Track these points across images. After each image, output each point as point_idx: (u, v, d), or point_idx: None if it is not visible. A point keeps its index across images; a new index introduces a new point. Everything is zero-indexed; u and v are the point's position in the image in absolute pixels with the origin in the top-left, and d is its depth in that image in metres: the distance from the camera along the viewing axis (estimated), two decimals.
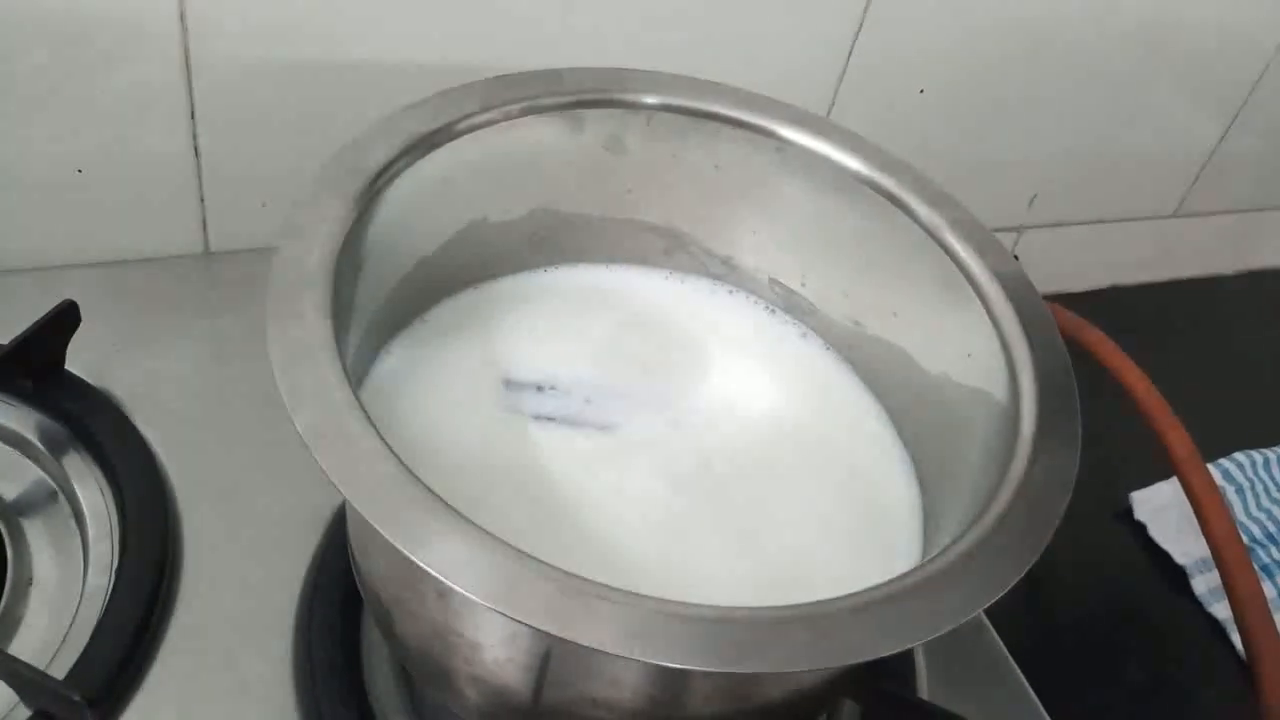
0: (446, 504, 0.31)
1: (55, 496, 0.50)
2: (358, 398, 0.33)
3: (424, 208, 0.44)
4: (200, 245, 0.62)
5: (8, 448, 0.51)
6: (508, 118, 0.45)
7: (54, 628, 0.45)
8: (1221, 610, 0.62)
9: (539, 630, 0.29)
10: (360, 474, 0.32)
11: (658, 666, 0.30)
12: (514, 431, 0.44)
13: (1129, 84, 0.76)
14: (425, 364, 0.46)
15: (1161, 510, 0.67)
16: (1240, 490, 0.69)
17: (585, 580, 0.31)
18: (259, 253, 0.61)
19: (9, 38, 0.52)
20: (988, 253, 0.43)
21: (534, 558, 0.31)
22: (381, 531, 0.30)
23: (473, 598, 0.30)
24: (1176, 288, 0.85)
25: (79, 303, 0.52)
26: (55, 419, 0.51)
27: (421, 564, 0.30)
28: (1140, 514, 0.67)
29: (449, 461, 0.42)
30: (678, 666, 0.30)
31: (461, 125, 0.43)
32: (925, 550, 0.42)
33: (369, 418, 0.33)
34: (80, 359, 0.53)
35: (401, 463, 0.32)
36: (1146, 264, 0.86)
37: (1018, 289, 0.42)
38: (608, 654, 0.29)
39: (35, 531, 0.49)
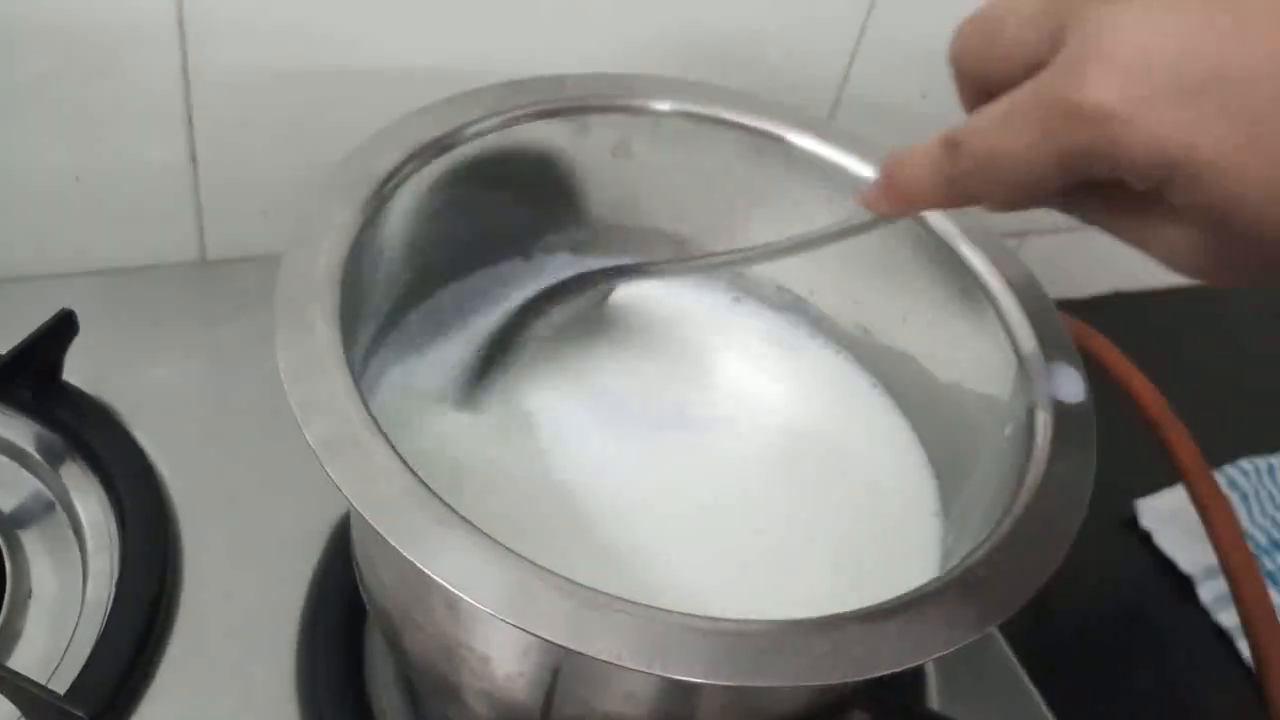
0: (460, 516, 0.31)
1: (53, 508, 0.50)
2: (368, 408, 0.33)
3: (431, 214, 0.43)
4: (198, 254, 0.62)
5: (5, 459, 0.51)
6: (514, 123, 0.44)
7: (54, 641, 0.45)
8: (1228, 618, 0.62)
9: (555, 644, 0.29)
10: (372, 485, 0.31)
11: (673, 680, 0.30)
12: (521, 439, 0.44)
13: None
14: (431, 371, 0.45)
15: (1167, 518, 0.66)
16: (1245, 498, 0.68)
17: (601, 593, 0.30)
18: (257, 261, 0.61)
19: (6, 45, 0.51)
20: (1000, 260, 0.43)
21: (549, 570, 0.30)
22: (393, 543, 0.30)
23: (489, 611, 0.29)
24: (1181, 294, 0.84)
25: (76, 312, 0.52)
26: (53, 430, 0.51)
27: (436, 577, 0.29)
28: (1146, 521, 0.66)
29: (455, 469, 0.42)
30: (697, 681, 0.29)
31: (468, 131, 0.43)
32: (940, 560, 0.42)
33: (380, 428, 0.33)
34: (77, 368, 0.53)
35: (414, 474, 0.32)
36: (1151, 270, 0.85)
37: (1031, 297, 0.42)
38: (623, 668, 0.29)
39: (33, 544, 0.48)
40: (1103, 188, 0.29)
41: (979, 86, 0.31)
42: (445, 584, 0.29)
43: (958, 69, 0.32)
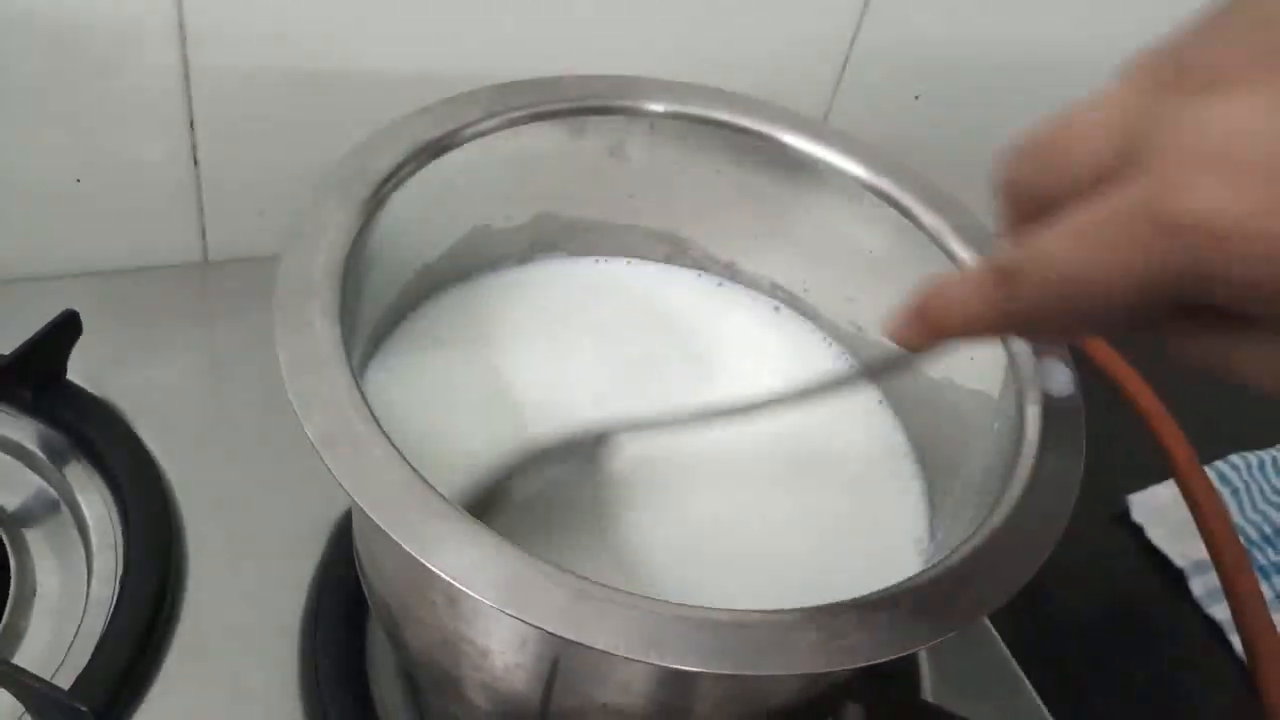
0: (458, 509, 0.31)
1: (57, 507, 0.50)
2: (367, 404, 0.33)
3: (428, 214, 0.44)
4: (199, 254, 0.62)
5: (9, 458, 0.51)
6: (511, 124, 0.45)
7: (58, 638, 0.45)
8: (1220, 612, 0.62)
9: (553, 635, 0.30)
10: (371, 480, 0.32)
11: (670, 670, 0.30)
12: (517, 434, 0.44)
13: None
14: (427, 368, 0.46)
15: (1159, 512, 0.66)
16: (1236, 492, 0.68)
17: (598, 584, 0.31)
18: (258, 261, 0.61)
19: (7, 46, 0.52)
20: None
21: (546, 562, 0.31)
22: (394, 537, 0.30)
23: (487, 603, 0.30)
24: None
25: (78, 312, 0.52)
26: (56, 429, 0.51)
27: (435, 570, 0.30)
28: (1138, 516, 0.67)
29: (453, 465, 0.42)
30: (693, 670, 0.30)
31: (466, 132, 0.43)
32: (932, 551, 0.43)
33: (379, 424, 0.33)
34: (80, 368, 0.53)
35: (413, 468, 0.32)
36: None
37: None
38: (620, 658, 0.30)
39: (38, 542, 0.49)
40: (1186, 311, 0.24)
41: (1028, 206, 0.26)
42: (445, 576, 0.30)
43: (1010, 186, 0.27)
